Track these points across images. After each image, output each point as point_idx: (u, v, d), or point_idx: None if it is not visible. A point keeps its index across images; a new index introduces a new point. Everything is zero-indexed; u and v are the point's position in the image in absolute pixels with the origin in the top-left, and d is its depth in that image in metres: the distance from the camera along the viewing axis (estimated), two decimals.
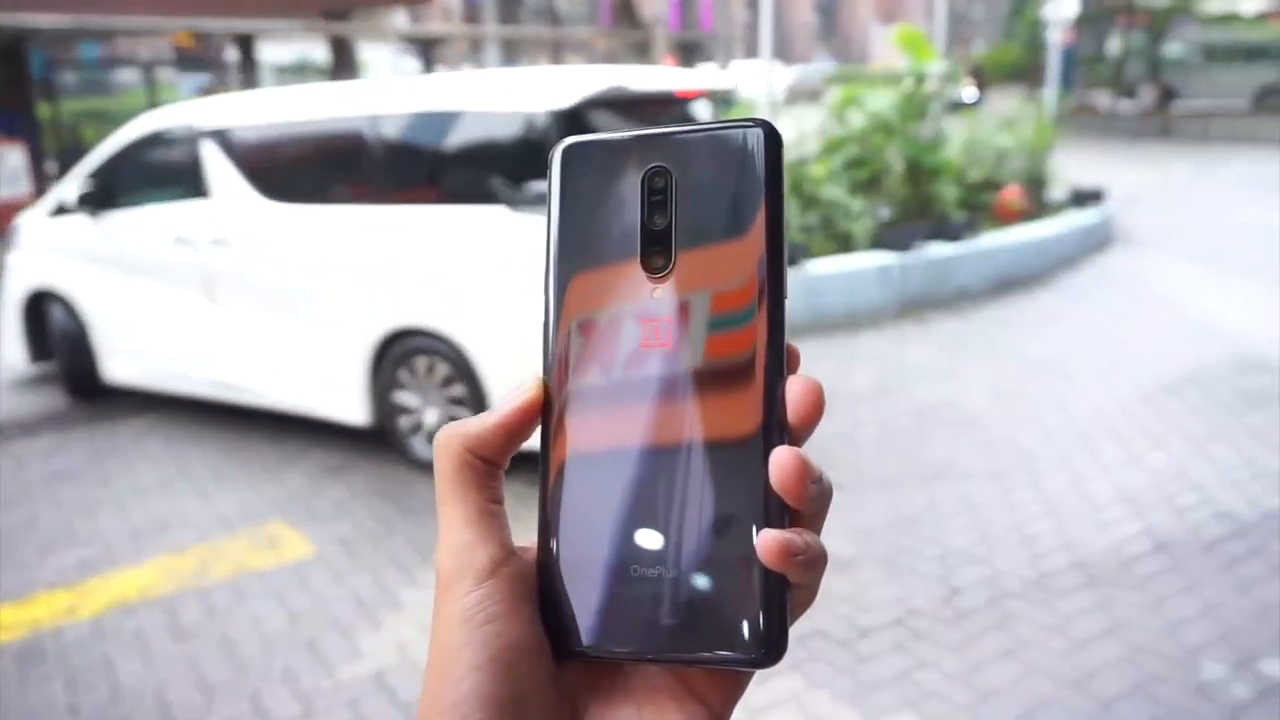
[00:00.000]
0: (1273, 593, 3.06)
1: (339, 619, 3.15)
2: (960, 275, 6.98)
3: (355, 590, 3.33)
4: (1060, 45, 13.07)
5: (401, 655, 2.93)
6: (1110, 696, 2.60)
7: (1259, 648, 2.78)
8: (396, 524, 3.82)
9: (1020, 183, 8.28)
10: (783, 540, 0.37)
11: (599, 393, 0.40)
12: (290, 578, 3.43)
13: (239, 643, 3.04)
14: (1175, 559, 3.30)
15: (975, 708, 2.59)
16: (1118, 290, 7.18)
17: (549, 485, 0.41)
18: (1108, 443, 4.31)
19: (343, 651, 2.97)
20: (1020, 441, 4.37)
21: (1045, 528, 3.55)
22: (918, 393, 5.04)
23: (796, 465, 0.37)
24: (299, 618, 3.17)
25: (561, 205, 0.42)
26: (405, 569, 3.46)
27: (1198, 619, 2.94)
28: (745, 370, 0.39)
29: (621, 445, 0.40)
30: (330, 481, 4.25)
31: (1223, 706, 2.54)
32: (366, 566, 3.49)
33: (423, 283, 4.07)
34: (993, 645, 2.86)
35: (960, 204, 7.58)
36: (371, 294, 4.19)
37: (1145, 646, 2.82)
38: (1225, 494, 3.76)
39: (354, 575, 3.43)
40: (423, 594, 3.28)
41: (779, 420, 0.39)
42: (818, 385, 0.39)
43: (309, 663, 2.92)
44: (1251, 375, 5.10)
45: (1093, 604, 3.05)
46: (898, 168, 7.30)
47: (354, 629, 3.09)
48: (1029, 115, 9.11)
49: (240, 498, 4.12)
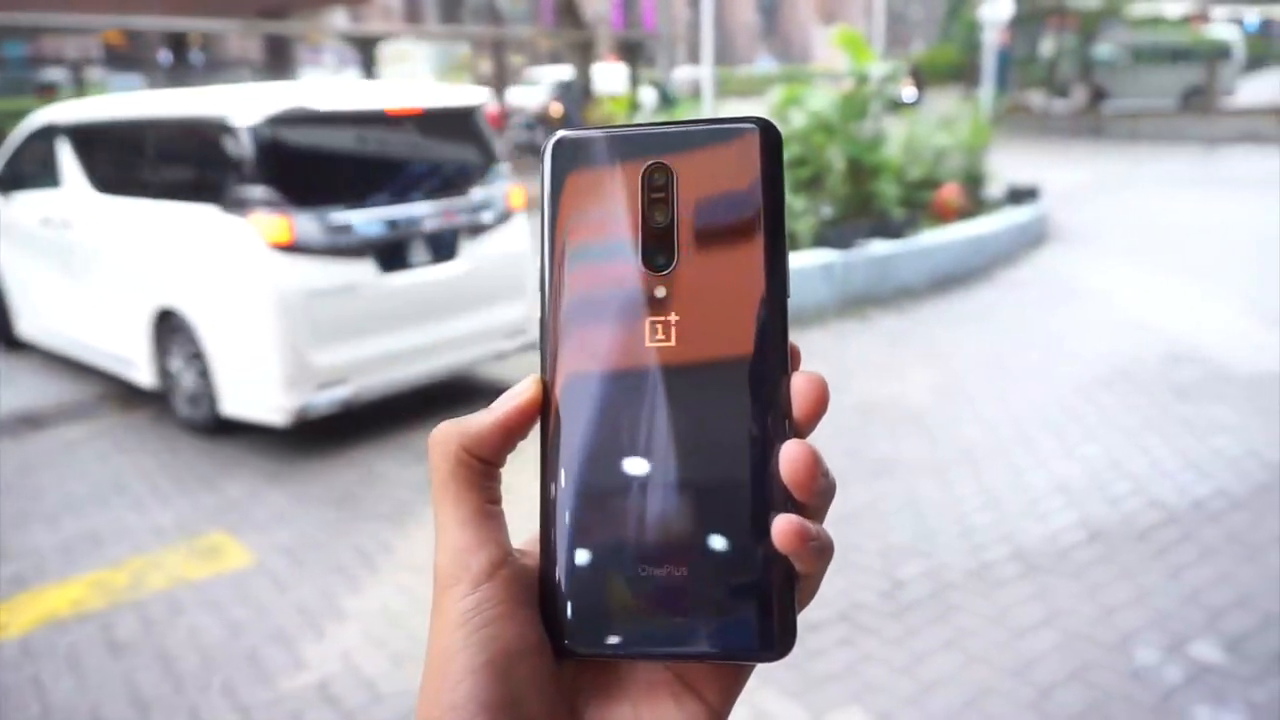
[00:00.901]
0: (1201, 578, 3.16)
1: (281, 629, 3.09)
2: (901, 272, 7.09)
3: (298, 599, 3.27)
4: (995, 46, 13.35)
5: (346, 664, 2.89)
6: (1048, 683, 2.66)
7: (1189, 632, 2.86)
8: (341, 530, 3.76)
9: (958, 181, 8.44)
10: (799, 524, 0.37)
11: (601, 391, 0.40)
12: (230, 588, 3.36)
13: (176, 657, 2.97)
14: (1109, 547, 3.39)
15: (919, 699, 2.63)
16: (1053, 286, 7.35)
17: (550, 485, 0.40)
18: (1045, 435, 4.41)
19: (284, 662, 2.91)
20: (961, 435, 4.46)
21: (985, 520, 3.62)
22: (861, 389, 5.11)
23: (808, 458, 0.37)
24: (239, 629, 3.11)
25: (556, 201, 0.41)
26: (350, 576, 3.41)
27: (1131, 605, 3.02)
28: (752, 367, 0.39)
29: (625, 444, 0.40)
30: (270, 488, 4.17)
31: (1155, 690, 2.61)
32: (309, 575, 3.43)
33: (168, 269, 4.76)
34: (935, 636, 2.91)
35: (900, 202, 7.70)
36: (144, 278, 4.89)
37: (1081, 633, 2.89)
38: (1157, 483, 3.87)
39: (296, 584, 3.37)
40: (367, 602, 3.24)
41: (786, 415, 0.39)
42: (822, 380, 0.39)
43: (249, 675, 2.86)
44: (1181, 368, 5.26)
45: (1031, 593, 3.12)
46: (839, 167, 7.38)
47: (296, 639, 3.03)
48: (966, 115, 9.28)
49: (177, 508, 4.02)
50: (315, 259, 4.31)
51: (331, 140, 4.72)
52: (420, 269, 4.67)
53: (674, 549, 0.39)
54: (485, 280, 4.95)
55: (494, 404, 0.41)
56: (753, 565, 0.38)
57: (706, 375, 0.39)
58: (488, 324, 4.98)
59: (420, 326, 4.68)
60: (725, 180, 0.40)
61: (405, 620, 3.12)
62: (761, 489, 0.38)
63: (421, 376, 4.79)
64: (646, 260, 0.40)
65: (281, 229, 4.21)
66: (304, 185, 4.38)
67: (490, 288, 4.97)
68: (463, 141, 5.13)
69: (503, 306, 5.04)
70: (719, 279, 0.40)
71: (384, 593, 3.30)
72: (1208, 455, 4.11)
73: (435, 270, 4.73)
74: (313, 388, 4.35)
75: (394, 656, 2.92)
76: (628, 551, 0.39)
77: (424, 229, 4.66)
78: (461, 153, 5.13)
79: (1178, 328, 5.99)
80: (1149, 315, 6.31)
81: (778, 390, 0.39)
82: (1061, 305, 6.80)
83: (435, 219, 4.72)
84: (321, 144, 4.67)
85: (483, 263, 4.93)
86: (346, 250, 4.40)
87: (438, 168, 5.01)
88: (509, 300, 5.07)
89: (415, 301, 4.66)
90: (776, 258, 0.40)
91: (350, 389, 4.48)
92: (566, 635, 0.39)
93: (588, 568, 0.39)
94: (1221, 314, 6.28)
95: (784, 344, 0.39)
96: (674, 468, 0.39)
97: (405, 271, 4.61)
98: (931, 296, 7.05)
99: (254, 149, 4.27)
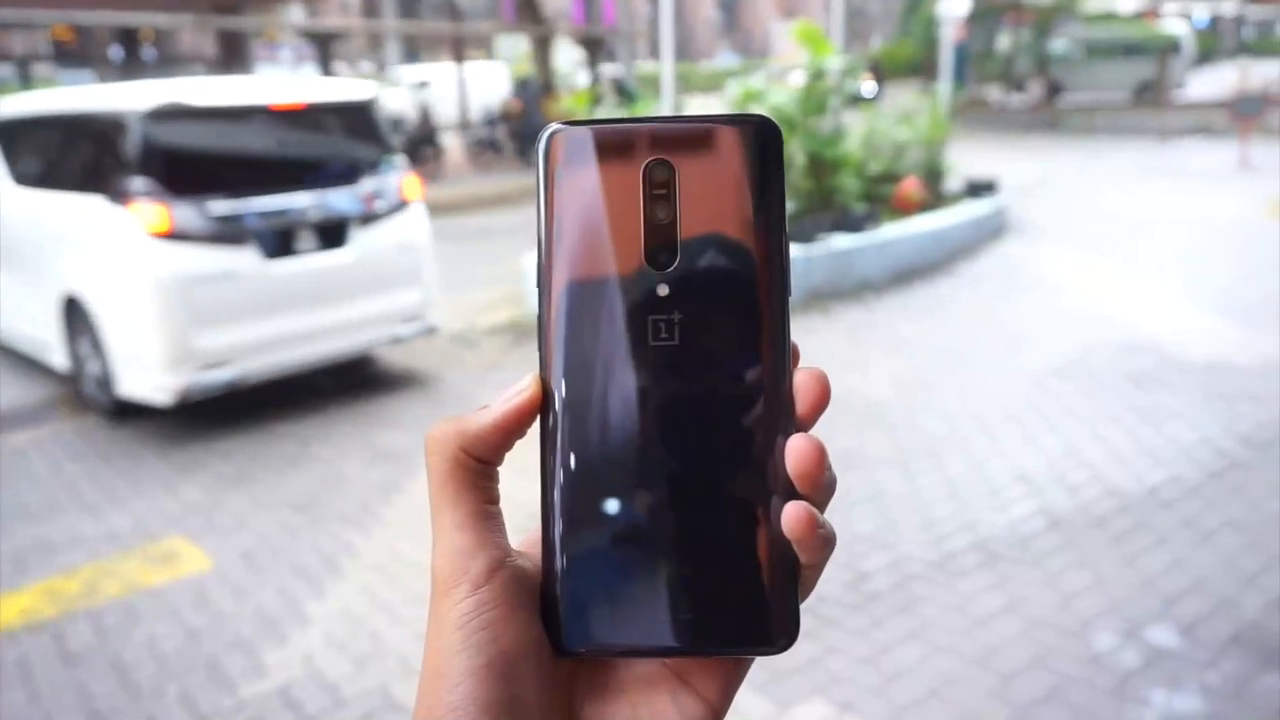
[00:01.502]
0: (1157, 564, 3.22)
1: (240, 635, 3.04)
2: (863, 266, 7.14)
3: (258, 604, 3.22)
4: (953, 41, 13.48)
5: (308, 669, 2.85)
6: (1010, 671, 2.69)
7: (1145, 617, 2.91)
8: (302, 534, 3.71)
9: (918, 175, 8.51)
10: (809, 511, 0.37)
11: (603, 389, 0.40)
12: (187, 594, 3.30)
13: (132, 665, 2.91)
14: (1068, 536, 3.44)
15: (883, 689, 2.64)
16: (1012, 278, 7.45)
17: (551, 484, 0.40)
18: (1005, 426, 4.46)
19: (244, 668, 2.86)
20: (923, 427, 4.50)
21: (947, 511, 3.66)
22: None
23: (814, 451, 0.38)
24: (197, 636, 3.05)
25: (553, 196, 0.40)
26: (311, 580, 3.36)
27: (1089, 592, 3.07)
28: (755, 365, 0.39)
29: (627, 442, 0.39)
30: (230, 492, 4.11)
31: (1113, 675, 2.65)
32: (270, 579, 3.38)
33: (70, 258, 4.92)
34: (899, 627, 2.93)
35: (861, 196, 7.76)
36: (53, 267, 5.07)
37: (1042, 621, 2.92)
38: (1113, 471, 3.93)
39: (256, 589, 3.32)
40: (329, 605, 3.20)
41: (789, 412, 0.39)
42: (824, 375, 0.40)
43: (208, 682, 2.81)
44: (1136, 357, 5.35)
45: (992, 582, 3.15)
46: (799, 161, 7.41)
47: (256, 645, 2.98)
48: (925, 109, 9.37)
49: (133, 513, 3.95)
50: (195, 246, 4.52)
51: (213, 134, 4.93)
52: (307, 256, 4.86)
53: (678, 546, 0.39)
54: (378, 267, 5.14)
55: (493, 403, 0.40)
56: (757, 559, 0.39)
57: (710, 373, 0.39)
58: (382, 310, 5.17)
59: (309, 311, 4.88)
60: (726, 177, 0.40)
61: (368, 622, 3.08)
62: (766, 484, 0.39)
63: (312, 360, 4.97)
64: (649, 257, 0.40)
65: (160, 218, 4.42)
66: (185, 176, 4.59)
67: (384, 275, 5.17)
68: (353, 134, 5.36)
69: (398, 293, 5.24)
70: (721, 277, 0.39)
71: (347, 595, 3.26)
72: (1162, 443, 4.18)
73: (323, 257, 4.92)
74: (196, 368, 4.54)
75: (357, 659, 2.88)
76: (631, 549, 0.39)
77: (310, 218, 4.86)
78: (352, 145, 5.34)
79: (1133, 317, 6.09)
80: (1105, 306, 6.41)
81: (781, 387, 0.39)
82: (1020, 297, 6.89)
83: (322, 208, 4.90)
84: (203, 137, 4.90)
85: (375, 250, 5.12)
86: (228, 238, 4.60)
87: (325, 159, 5.23)
88: (405, 287, 5.28)
89: (303, 287, 4.85)
90: (778, 255, 0.40)
91: (236, 371, 4.67)
92: (569, 634, 0.39)
93: (590, 566, 0.39)
94: (1174, 303, 6.40)
95: (786, 341, 0.40)
96: (677, 466, 0.39)
97: (291, 258, 4.80)
98: (893, 290, 7.10)
99: (134, 142, 4.49)
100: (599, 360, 0.40)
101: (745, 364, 0.39)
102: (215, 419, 4.91)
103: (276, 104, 5.00)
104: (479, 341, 6.21)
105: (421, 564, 3.44)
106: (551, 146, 0.40)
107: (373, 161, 5.26)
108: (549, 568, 0.40)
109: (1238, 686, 2.58)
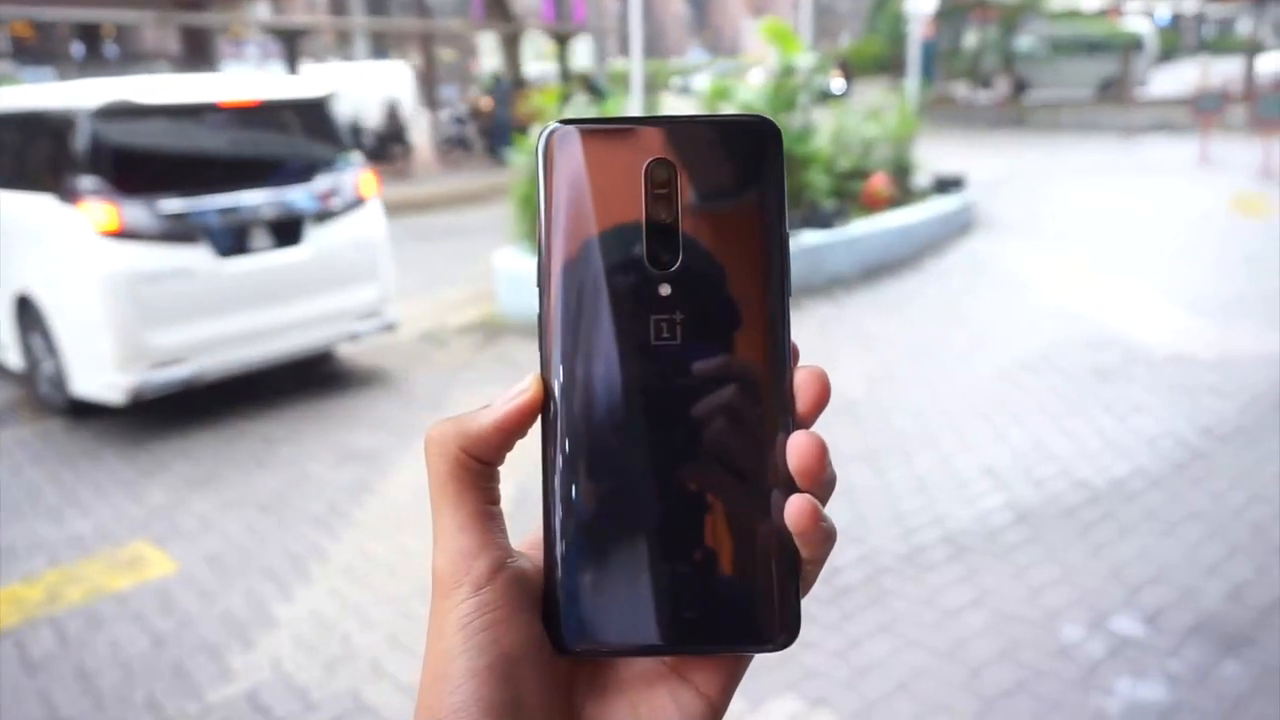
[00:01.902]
0: (1122, 555, 3.26)
1: (207, 639, 3.00)
2: (832, 262, 7.18)
3: (225, 608, 3.18)
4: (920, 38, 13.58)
5: (276, 672, 2.82)
6: (979, 663, 2.72)
7: (1110, 607, 2.95)
8: (270, 536, 3.67)
9: (886, 171, 8.56)
10: (813, 504, 0.38)
11: (604, 389, 0.40)
12: (153, 599, 3.25)
13: (96, 672, 2.86)
14: (1035, 528, 3.47)
15: (854, 683, 2.66)
16: (979, 273, 7.52)
17: (553, 484, 0.40)
18: (973, 420, 4.50)
19: (211, 673, 2.83)
20: (892, 422, 4.53)
21: (916, 505, 3.68)
22: None
23: (816, 448, 0.38)
24: (162, 641, 3.01)
25: (553, 194, 0.40)
26: (280, 582, 3.33)
27: (1056, 584, 3.10)
28: (757, 364, 0.39)
29: (629, 441, 0.39)
30: (196, 495, 4.05)
31: (1080, 665, 2.68)
32: (237, 582, 3.34)
33: (22, 256, 4.90)
34: (869, 621, 2.95)
35: (830, 192, 7.79)
36: (3, 266, 5.02)
37: (1010, 613, 2.95)
38: (1079, 464, 3.98)
39: (223, 592, 3.28)
40: (298, 608, 3.16)
41: (790, 410, 0.39)
42: (824, 374, 0.40)
43: (174, 688, 2.77)
44: (1101, 351, 5.41)
45: (961, 575, 3.18)
46: None
47: (223, 649, 2.95)
48: (893, 106, 9.43)
49: (96, 518, 3.88)
50: (146, 245, 4.49)
51: (164, 132, 4.89)
52: (261, 254, 4.85)
53: (679, 544, 0.39)
54: (334, 265, 5.13)
55: (493, 403, 0.40)
56: (759, 556, 0.39)
57: (712, 372, 0.39)
58: (339, 307, 5.16)
59: (265, 309, 4.86)
60: (727, 177, 0.40)
61: (338, 625, 3.06)
62: (767, 482, 0.39)
63: (269, 357, 4.94)
64: (651, 257, 0.40)
65: (110, 216, 4.39)
66: (135, 174, 4.57)
67: (340, 272, 5.16)
68: (308, 131, 5.34)
69: (354, 290, 5.24)
70: (722, 277, 0.40)
71: (316, 598, 3.23)
72: (1127, 435, 4.24)
73: (278, 255, 4.90)
74: (147, 367, 4.51)
75: (326, 663, 2.85)
76: (633, 549, 0.39)
77: (264, 215, 4.84)
78: (306, 142, 5.33)
79: (1098, 312, 6.17)
80: (1070, 300, 6.49)
81: (782, 385, 0.40)
82: (987, 292, 6.96)
83: (276, 206, 4.88)
84: (153, 135, 4.86)
85: (331, 248, 5.11)
86: (180, 236, 4.57)
87: (280, 157, 5.21)
88: (361, 284, 5.27)
89: (257, 285, 4.83)
90: (779, 255, 0.40)
91: (191, 369, 4.64)
92: (571, 634, 0.39)
93: (591, 566, 0.39)
94: (1138, 297, 6.48)
95: (787, 340, 0.40)
96: (678, 465, 0.39)
97: (245, 256, 4.78)
98: (862, 285, 7.15)
99: (84, 141, 4.46)
100: (600, 360, 0.40)
101: (746, 363, 0.39)
102: (179, 419, 4.85)
103: (228, 101, 4.99)
104: (449, 340, 6.18)
105: (391, 565, 3.41)
106: (551, 144, 0.40)
107: (329, 159, 5.24)
108: (550, 567, 0.40)
109: (1200, 674, 2.62)
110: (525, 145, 6.82)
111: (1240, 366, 5.03)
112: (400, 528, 3.70)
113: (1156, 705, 2.52)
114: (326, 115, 5.36)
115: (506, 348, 5.99)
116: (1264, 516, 3.47)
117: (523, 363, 5.72)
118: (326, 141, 5.32)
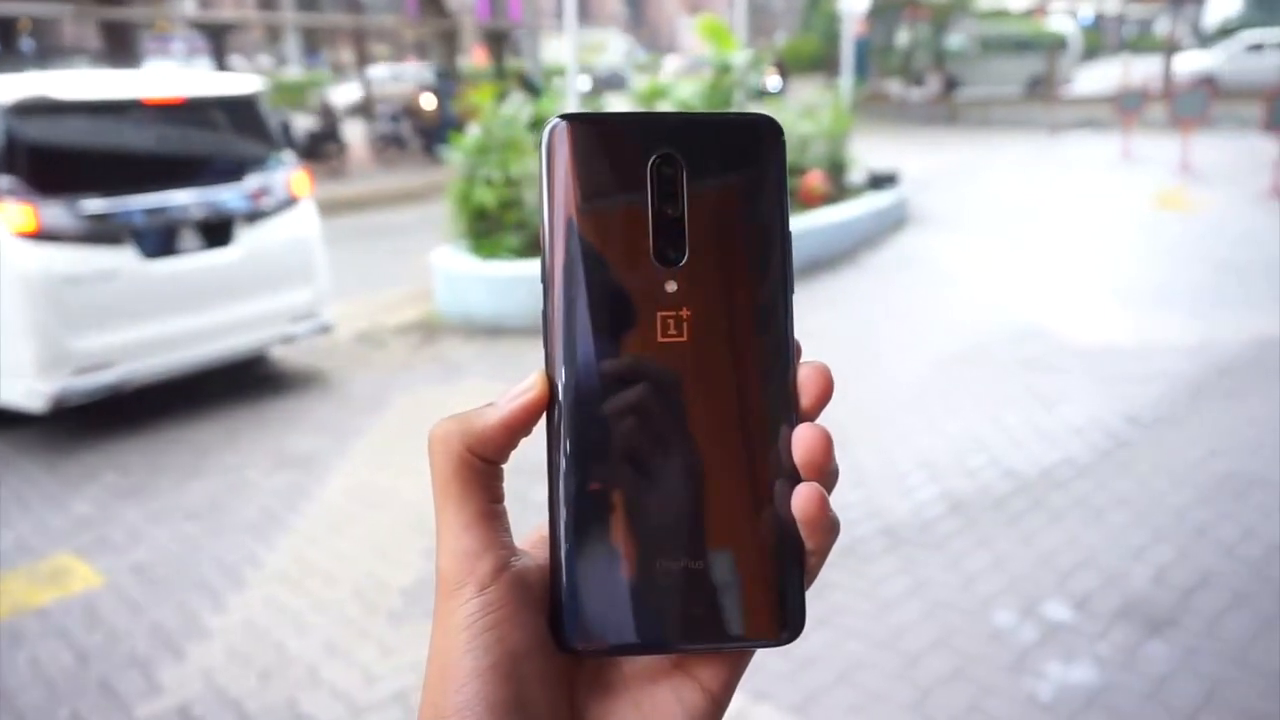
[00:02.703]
0: (1051, 541, 3.35)
1: (135, 653, 2.92)
2: None
3: (154, 621, 3.09)
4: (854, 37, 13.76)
5: (208, 685, 2.75)
6: (916, 652, 2.76)
7: (1041, 593, 3.03)
8: (203, 545, 3.57)
9: (822, 168, 8.67)
10: (820, 492, 0.38)
11: (610, 386, 0.39)
12: (77, 613, 3.15)
13: (17, 691, 2.76)
14: (968, 518, 3.55)
15: (794, 676, 2.69)
16: (913, 268, 7.65)
17: (558, 483, 0.40)
18: (908, 413, 4.58)
19: (140, 688, 2.75)
20: (830, 415, 4.53)
21: (855, 498, 3.74)
22: None
23: (821, 440, 0.38)
24: (88, 656, 2.91)
25: (557, 189, 0.39)
26: (212, 592, 3.24)
27: (989, 572, 3.17)
28: (763, 361, 0.40)
29: (634, 439, 0.39)
30: (124, 505, 3.93)
31: (1013, 650, 2.75)
32: (166, 594, 3.25)
33: None
34: (809, 614, 2.96)
35: None
36: None
37: (945, 602, 3.01)
38: (1010, 454, 4.08)
39: (152, 604, 3.19)
40: (231, 617, 3.09)
41: (794, 405, 0.40)
42: (827, 369, 0.40)
43: (100, 704, 2.68)
44: (1030, 342, 5.55)
45: (898, 566, 3.24)
46: None
47: (153, 662, 2.86)
48: (828, 103, 9.54)
49: (17, 531, 3.74)
50: (66, 246, 4.32)
51: (84, 129, 4.71)
52: (190, 255, 4.72)
53: (685, 541, 0.39)
54: (265, 265, 5.02)
55: (498, 401, 0.40)
56: (764, 552, 0.39)
57: (718, 369, 0.40)
58: (272, 308, 5.06)
59: (195, 312, 4.74)
60: (732, 174, 0.40)
61: (273, 633, 2.99)
62: (772, 478, 0.39)
63: (200, 361, 4.82)
64: (658, 254, 0.39)
65: (26, 217, 4.23)
66: (54, 173, 4.40)
67: (272, 273, 5.05)
68: (237, 129, 5.20)
69: (287, 291, 5.13)
70: (728, 273, 0.40)
71: (250, 606, 3.15)
72: (1055, 425, 4.35)
73: (207, 256, 4.78)
74: (69, 373, 4.34)
75: (261, 673, 2.79)
76: (638, 547, 0.39)
77: (192, 215, 4.72)
78: (236, 140, 5.19)
79: (1027, 304, 6.32)
80: (1001, 293, 6.64)
81: (787, 382, 0.40)
82: (922, 286, 7.08)
83: (205, 206, 4.76)
84: (73, 132, 4.68)
85: (263, 248, 5.01)
86: (103, 237, 4.42)
87: (208, 155, 5.08)
88: (294, 285, 5.17)
89: (186, 287, 4.70)
90: (782, 252, 0.40)
91: (116, 374, 4.48)
92: (576, 633, 0.39)
93: (598, 565, 0.39)
94: (1065, 289, 6.66)
95: (791, 336, 0.40)
96: (684, 461, 0.39)
97: (173, 258, 4.65)
98: (800, 281, 7.18)
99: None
100: (605, 357, 0.39)
101: (752, 358, 0.40)
102: (109, 427, 4.70)
103: (153, 98, 4.82)
104: (387, 341, 6.09)
105: (328, 570, 3.35)
106: (556, 139, 0.40)
107: (260, 157, 5.12)
108: (555, 566, 0.40)
109: (1127, 656, 2.70)
110: (460, 143, 6.74)
111: (1163, 355, 5.20)
112: (337, 532, 3.64)
113: (1086, 687, 2.59)
114: (257, 112, 5.24)
115: (445, 348, 5.93)
116: (1185, 501, 3.60)
117: (461, 362, 5.66)
118: (257, 139, 5.19)
